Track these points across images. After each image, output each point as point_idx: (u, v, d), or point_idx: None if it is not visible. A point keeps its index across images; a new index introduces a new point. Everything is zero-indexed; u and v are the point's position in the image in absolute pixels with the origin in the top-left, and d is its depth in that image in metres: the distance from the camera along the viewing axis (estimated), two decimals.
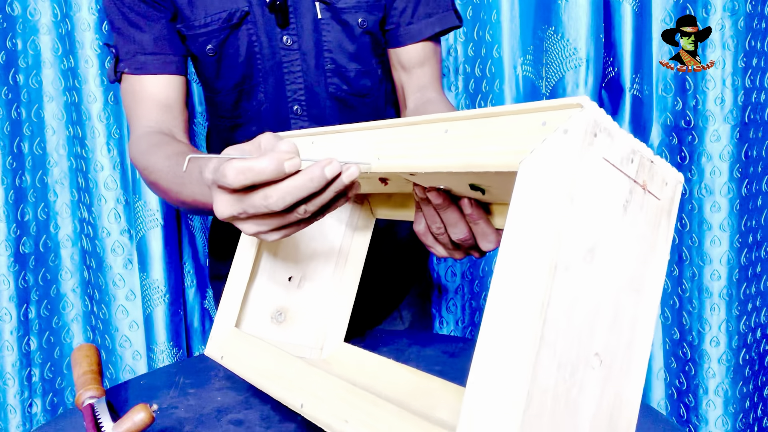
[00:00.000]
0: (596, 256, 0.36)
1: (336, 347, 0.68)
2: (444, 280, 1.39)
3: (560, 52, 1.20)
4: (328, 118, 0.83)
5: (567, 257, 0.34)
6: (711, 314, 1.24)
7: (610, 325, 0.37)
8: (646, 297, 0.39)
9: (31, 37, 1.21)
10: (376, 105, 0.87)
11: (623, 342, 0.38)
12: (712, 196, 1.22)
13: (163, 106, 0.78)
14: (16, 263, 1.21)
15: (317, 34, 0.80)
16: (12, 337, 1.21)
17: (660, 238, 0.40)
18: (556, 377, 0.34)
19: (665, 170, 0.39)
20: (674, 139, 1.24)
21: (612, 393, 0.38)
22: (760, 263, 1.28)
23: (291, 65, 0.80)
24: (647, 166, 0.38)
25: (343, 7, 0.79)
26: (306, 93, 0.81)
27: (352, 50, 0.81)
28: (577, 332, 0.35)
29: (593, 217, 0.35)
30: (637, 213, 0.38)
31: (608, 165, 0.35)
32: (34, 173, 1.24)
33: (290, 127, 0.83)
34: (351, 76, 0.82)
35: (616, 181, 0.36)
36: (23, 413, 1.23)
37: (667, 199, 0.40)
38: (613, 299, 0.37)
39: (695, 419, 1.28)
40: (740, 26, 1.17)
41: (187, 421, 0.63)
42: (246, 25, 0.78)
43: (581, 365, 0.36)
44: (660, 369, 1.30)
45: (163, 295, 1.22)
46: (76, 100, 1.20)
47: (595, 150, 0.34)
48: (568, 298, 0.34)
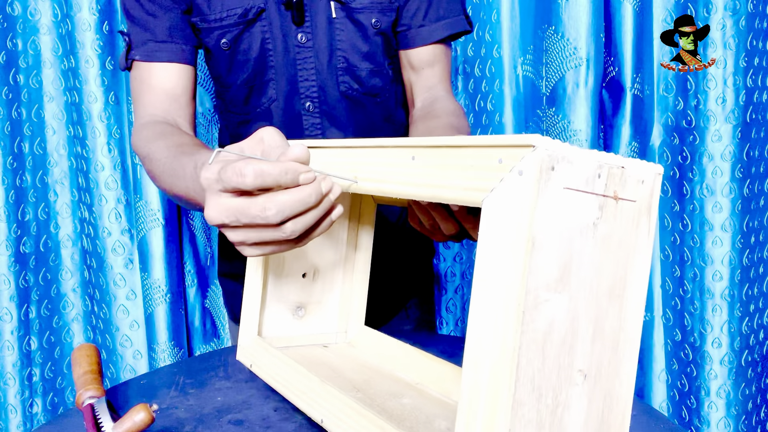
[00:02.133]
0: (567, 283, 0.36)
1: (358, 331, 0.71)
2: (444, 280, 1.38)
3: (560, 52, 1.20)
4: (339, 116, 0.84)
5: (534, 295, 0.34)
6: (713, 315, 1.24)
7: (591, 339, 0.37)
8: (631, 296, 0.39)
9: (32, 37, 1.21)
10: (386, 105, 0.88)
11: (608, 348, 0.38)
12: (714, 196, 1.22)
13: (171, 95, 0.79)
14: (16, 263, 1.21)
15: (331, 33, 0.81)
16: (12, 337, 1.21)
17: (641, 236, 0.39)
18: (538, 407, 0.35)
19: (640, 169, 0.39)
20: (675, 139, 1.24)
21: (601, 397, 0.38)
22: (762, 264, 1.28)
23: (305, 62, 0.81)
24: (617, 175, 0.37)
25: (357, 8, 0.80)
26: (318, 90, 0.83)
27: (365, 50, 0.82)
28: (555, 360, 0.36)
29: (559, 248, 0.35)
30: (611, 224, 0.37)
31: (571, 192, 0.35)
32: (35, 173, 1.24)
33: (302, 123, 0.84)
34: (362, 75, 0.83)
35: (582, 204, 0.36)
36: (24, 413, 1.23)
37: (644, 198, 0.39)
38: (593, 313, 0.37)
39: (697, 421, 1.27)
40: (741, 26, 1.16)
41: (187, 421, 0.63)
42: (261, 21, 0.79)
43: (564, 386, 0.36)
44: (662, 371, 1.30)
45: (164, 294, 1.22)
46: (76, 100, 1.20)
47: (554, 183, 0.34)
48: (540, 333, 0.35)
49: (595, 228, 0.37)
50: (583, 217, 0.36)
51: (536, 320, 0.34)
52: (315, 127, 0.84)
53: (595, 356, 0.37)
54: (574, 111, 1.21)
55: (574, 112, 1.21)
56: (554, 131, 1.24)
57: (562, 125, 1.23)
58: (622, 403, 0.39)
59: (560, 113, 1.23)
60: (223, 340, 1.36)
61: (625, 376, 0.39)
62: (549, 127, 1.25)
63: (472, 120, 1.30)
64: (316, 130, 0.84)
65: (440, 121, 0.77)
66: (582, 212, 0.36)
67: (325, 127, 0.84)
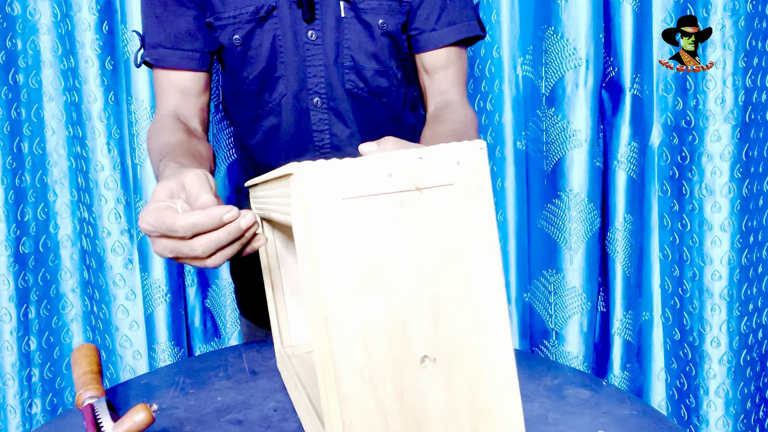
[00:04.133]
0: (380, 280, 0.38)
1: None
2: None
3: (560, 52, 1.20)
4: (346, 114, 0.86)
5: (338, 301, 0.37)
6: (712, 315, 1.24)
7: (432, 324, 0.39)
8: (479, 271, 0.40)
9: (31, 37, 1.21)
10: (393, 106, 0.89)
11: (460, 328, 0.40)
12: (713, 196, 1.22)
13: (181, 92, 0.85)
14: (16, 263, 1.21)
15: (339, 32, 0.83)
16: (12, 338, 1.21)
17: (476, 213, 0.40)
18: (376, 396, 0.38)
19: (451, 152, 0.39)
20: (675, 139, 1.24)
21: (466, 375, 0.40)
22: (761, 263, 1.28)
23: (314, 59, 0.83)
24: (415, 167, 0.39)
25: (365, 8, 0.82)
26: (326, 86, 0.84)
27: (372, 50, 0.84)
28: (386, 352, 0.38)
29: (359, 252, 0.38)
30: (422, 213, 0.39)
31: (355, 200, 0.38)
32: (34, 173, 1.24)
33: (310, 118, 0.85)
34: (368, 75, 0.85)
35: (375, 206, 0.38)
36: (23, 413, 1.23)
37: (465, 177, 0.40)
38: (425, 300, 0.39)
39: (696, 420, 1.27)
40: (741, 26, 1.16)
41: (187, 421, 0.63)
42: (272, 18, 0.82)
43: (407, 373, 0.39)
44: (661, 370, 1.30)
45: (164, 294, 1.22)
46: (76, 100, 1.20)
47: (328, 198, 0.37)
48: (358, 332, 0.37)
49: (401, 223, 0.38)
50: (381, 217, 0.38)
51: (350, 321, 0.37)
52: (323, 122, 0.86)
53: (443, 339, 0.39)
54: (573, 111, 1.21)
55: (573, 113, 1.21)
56: (554, 131, 1.24)
57: (561, 125, 1.23)
58: (500, 378, 0.40)
59: (560, 113, 1.23)
60: (223, 340, 1.36)
61: (495, 350, 0.40)
62: (548, 127, 1.25)
63: None
64: (323, 125, 0.86)
65: (444, 128, 0.78)
66: (378, 213, 0.38)
67: (332, 123, 0.86)
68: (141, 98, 1.17)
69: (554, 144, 1.24)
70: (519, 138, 1.28)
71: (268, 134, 0.87)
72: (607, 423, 0.63)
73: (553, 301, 1.30)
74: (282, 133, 0.87)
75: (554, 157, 1.25)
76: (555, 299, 1.29)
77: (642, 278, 1.29)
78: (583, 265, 1.25)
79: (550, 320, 1.30)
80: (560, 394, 0.71)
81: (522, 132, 1.28)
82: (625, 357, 1.28)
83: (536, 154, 1.27)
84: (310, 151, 0.87)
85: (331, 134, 0.86)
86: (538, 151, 1.27)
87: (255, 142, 0.89)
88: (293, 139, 0.87)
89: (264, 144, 0.89)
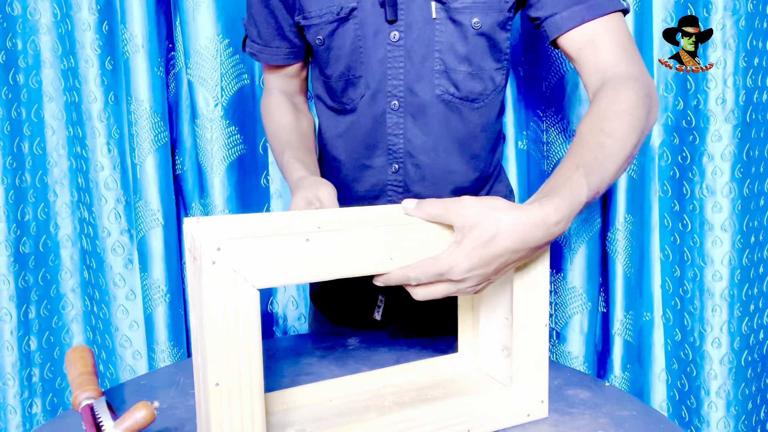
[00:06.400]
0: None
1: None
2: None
3: (560, 52, 1.20)
4: (426, 120, 0.83)
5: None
6: (713, 315, 1.24)
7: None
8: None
9: (31, 37, 1.21)
10: (486, 113, 0.86)
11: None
12: (714, 196, 1.21)
13: (282, 75, 0.97)
14: (16, 263, 1.21)
15: (429, 35, 0.80)
16: (12, 337, 1.21)
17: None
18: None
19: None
20: (675, 139, 1.24)
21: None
22: (762, 264, 1.28)
23: (394, 60, 0.82)
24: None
25: (458, 7, 0.79)
26: (405, 90, 0.82)
27: (463, 52, 0.81)
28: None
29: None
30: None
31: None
32: (34, 173, 1.24)
33: (385, 121, 0.84)
34: (459, 78, 0.82)
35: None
36: (23, 413, 1.23)
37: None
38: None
39: (697, 421, 1.27)
40: (741, 26, 1.16)
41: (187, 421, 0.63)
42: (353, 19, 0.81)
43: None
44: (662, 370, 1.30)
45: (164, 294, 1.22)
46: (76, 100, 1.20)
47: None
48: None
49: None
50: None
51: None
52: (397, 126, 0.83)
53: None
54: (574, 111, 1.21)
55: (574, 113, 1.21)
56: (554, 131, 1.24)
57: (561, 125, 1.23)
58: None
59: (560, 113, 1.23)
60: None
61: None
62: (549, 127, 1.25)
63: None
64: (398, 129, 0.83)
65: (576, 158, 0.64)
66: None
67: (407, 128, 0.83)
68: (141, 98, 1.17)
69: (555, 144, 1.24)
70: (520, 138, 1.28)
71: (344, 131, 0.87)
72: (607, 424, 0.63)
73: (553, 301, 1.29)
74: (357, 132, 0.86)
75: (555, 157, 1.25)
76: (555, 299, 1.29)
77: (643, 278, 1.28)
78: (584, 266, 1.25)
79: (550, 320, 1.29)
80: (560, 394, 0.71)
81: (523, 132, 1.28)
82: (626, 357, 1.28)
83: (537, 154, 1.27)
84: (383, 154, 0.85)
85: (406, 139, 0.83)
86: (539, 151, 1.27)
87: (330, 135, 0.89)
88: (367, 140, 0.85)
89: (338, 138, 0.88)
